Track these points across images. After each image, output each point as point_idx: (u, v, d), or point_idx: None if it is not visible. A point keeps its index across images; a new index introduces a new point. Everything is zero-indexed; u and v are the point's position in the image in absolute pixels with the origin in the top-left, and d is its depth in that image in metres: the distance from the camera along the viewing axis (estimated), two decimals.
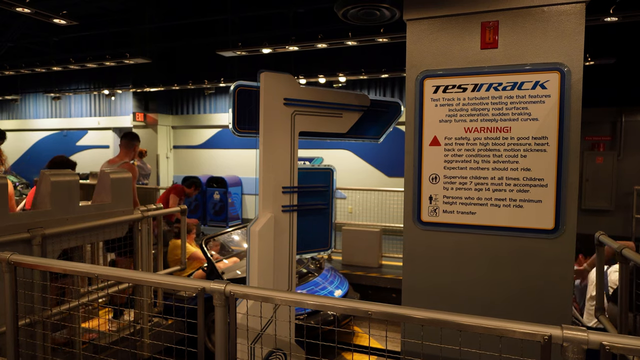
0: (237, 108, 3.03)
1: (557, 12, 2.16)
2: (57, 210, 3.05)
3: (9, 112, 15.02)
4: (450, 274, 2.34)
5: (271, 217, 2.98)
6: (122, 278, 1.97)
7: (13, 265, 2.11)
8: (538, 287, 2.16)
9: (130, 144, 4.84)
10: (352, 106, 3.34)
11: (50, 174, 3.08)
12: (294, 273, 3.16)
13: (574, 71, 2.12)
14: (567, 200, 2.12)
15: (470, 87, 2.29)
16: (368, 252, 6.75)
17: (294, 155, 3.11)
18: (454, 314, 1.47)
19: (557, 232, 2.13)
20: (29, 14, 5.37)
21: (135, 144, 4.88)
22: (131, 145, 4.85)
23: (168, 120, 12.68)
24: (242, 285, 1.87)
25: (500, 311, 2.22)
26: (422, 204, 2.39)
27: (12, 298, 2.12)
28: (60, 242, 3.06)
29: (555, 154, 2.13)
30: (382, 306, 1.53)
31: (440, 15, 2.37)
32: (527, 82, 2.18)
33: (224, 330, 1.81)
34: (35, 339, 2.71)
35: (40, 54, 10.80)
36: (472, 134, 2.29)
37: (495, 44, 2.26)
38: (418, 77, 2.42)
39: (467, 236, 2.31)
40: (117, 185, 3.56)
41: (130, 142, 4.85)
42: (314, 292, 5.00)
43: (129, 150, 4.84)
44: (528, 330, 1.38)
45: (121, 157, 4.80)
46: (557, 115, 2.13)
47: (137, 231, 3.80)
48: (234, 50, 7.75)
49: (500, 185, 2.24)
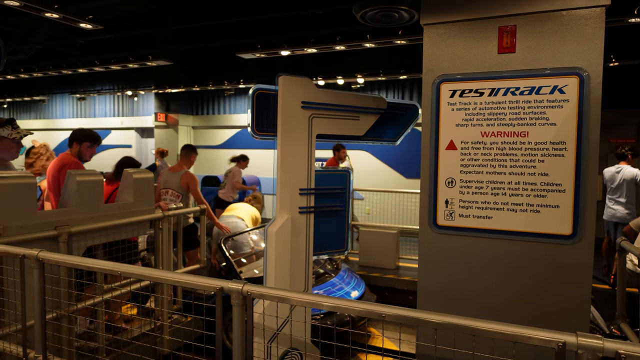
0: (256, 111, 3.08)
1: (576, 17, 2.14)
2: (82, 209, 3.17)
3: (37, 112, 15.53)
4: (466, 278, 2.34)
5: (288, 218, 3.03)
6: (144, 276, 2.05)
7: (41, 262, 2.20)
8: (555, 293, 2.15)
9: (187, 154, 5.64)
10: (369, 109, 3.36)
11: (76, 174, 3.20)
12: (310, 274, 3.20)
13: (593, 76, 2.09)
14: (586, 206, 2.10)
15: (487, 92, 2.29)
16: (385, 254, 6.75)
17: (311, 158, 3.15)
18: (468, 318, 1.49)
19: (575, 238, 2.11)
20: (57, 19, 5.57)
21: (191, 154, 5.65)
22: (188, 156, 5.63)
23: (189, 121, 12.91)
24: (259, 285, 1.91)
25: (516, 316, 2.21)
26: (438, 208, 2.40)
27: (40, 293, 2.22)
28: (85, 240, 3.17)
29: (573, 159, 2.11)
30: (396, 309, 1.55)
31: (457, 20, 2.37)
32: (545, 86, 2.17)
33: (241, 329, 1.86)
34: (61, 333, 2.83)
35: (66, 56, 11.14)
36: (489, 138, 2.29)
37: (513, 48, 2.25)
38: (435, 81, 2.42)
39: (483, 240, 2.31)
40: (139, 185, 3.66)
41: (188, 153, 5.64)
42: (330, 293, 5.04)
43: (187, 160, 5.60)
44: (542, 336, 1.38)
45: (181, 165, 5.56)
46: (576, 120, 2.11)
47: (158, 230, 3.90)
48: (253, 53, 7.85)
49: (517, 190, 2.23)
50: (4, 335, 2.52)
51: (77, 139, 3.94)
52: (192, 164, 5.69)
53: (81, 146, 3.93)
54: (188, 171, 5.41)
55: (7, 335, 2.53)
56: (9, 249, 2.31)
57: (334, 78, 9.44)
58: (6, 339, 2.50)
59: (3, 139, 3.18)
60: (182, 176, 5.32)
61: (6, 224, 2.67)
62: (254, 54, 7.91)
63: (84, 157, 3.96)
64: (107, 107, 14.18)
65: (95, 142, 4.00)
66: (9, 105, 15.96)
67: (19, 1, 4.82)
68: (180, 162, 5.60)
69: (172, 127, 12.52)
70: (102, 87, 13.72)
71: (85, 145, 3.93)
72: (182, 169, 5.43)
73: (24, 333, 2.34)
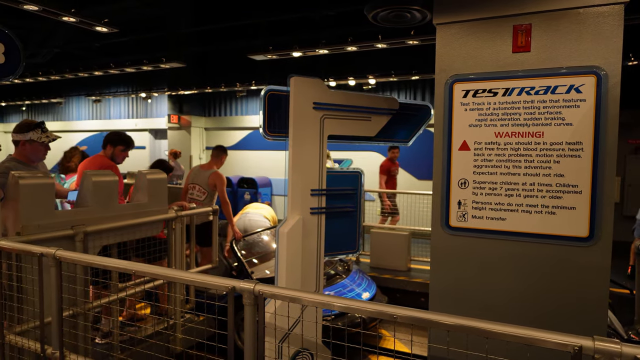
0: (268, 112, 3.09)
1: (594, 14, 2.10)
2: (97, 208, 3.21)
3: (54, 114, 15.84)
4: (479, 280, 2.32)
5: (299, 219, 3.03)
6: (157, 275, 2.07)
7: (58, 260, 2.24)
8: (570, 296, 2.11)
9: (218, 154, 5.76)
10: (381, 109, 3.34)
11: (92, 174, 3.25)
12: (321, 274, 3.19)
13: (611, 75, 2.05)
14: (603, 207, 2.06)
15: (501, 91, 2.26)
16: (396, 255, 6.71)
17: (322, 158, 3.15)
18: (481, 320, 1.47)
19: (592, 240, 2.07)
20: (74, 22, 5.68)
21: (222, 155, 5.78)
22: (219, 156, 5.76)
23: (201, 122, 13.03)
24: (270, 285, 1.92)
25: (530, 319, 2.17)
26: (450, 209, 2.38)
27: (57, 290, 2.26)
28: (101, 239, 3.22)
29: (590, 160, 2.07)
30: (408, 310, 1.54)
31: (470, 19, 2.35)
32: (561, 86, 2.13)
33: (252, 328, 1.86)
34: (77, 330, 2.87)
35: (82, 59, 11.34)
36: (503, 138, 2.26)
37: (528, 47, 2.22)
38: (447, 82, 2.40)
39: (496, 242, 2.28)
40: (153, 186, 3.71)
41: (219, 154, 5.76)
42: (341, 294, 5.02)
43: (218, 160, 5.73)
44: (558, 340, 1.36)
45: (211, 165, 5.68)
46: (593, 120, 2.07)
47: (171, 230, 3.94)
48: (265, 54, 7.89)
49: (532, 191, 2.19)
50: (23, 332, 2.58)
51: (111, 142, 4.12)
52: (222, 164, 5.82)
53: (115, 149, 4.11)
54: (217, 171, 5.56)
55: (26, 332, 2.58)
56: (27, 248, 2.36)
57: (346, 79, 9.43)
58: (25, 335, 2.55)
59: (32, 142, 3.24)
60: (211, 175, 5.47)
61: (25, 223, 2.73)
62: (265, 55, 7.94)
63: (117, 160, 4.14)
64: (121, 109, 14.40)
65: (128, 147, 4.19)
66: (27, 107, 16.31)
67: (38, 5, 4.93)
68: (211, 161, 5.74)
69: (184, 128, 12.65)
70: (117, 89, 13.93)
71: (118, 149, 4.12)
72: (212, 168, 5.57)
73: (42, 330, 2.39)
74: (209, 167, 5.64)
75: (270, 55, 7.96)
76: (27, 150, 3.27)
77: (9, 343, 2.55)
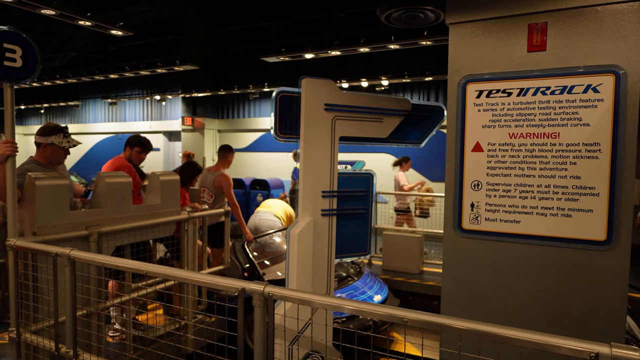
0: (279, 113, 3.09)
1: (612, 12, 2.05)
2: (111, 209, 3.25)
3: (72, 117, 16.15)
4: (492, 284, 2.27)
5: (310, 220, 3.02)
6: (168, 276, 2.08)
7: (73, 260, 2.27)
8: (587, 301, 2.05)
9: (224, 155, 5.69)
10: (393, 111, 3.32)
11: (106, 176, 3.29)
12: (332, 276, 3.18)
13: (630, 74, 2.00)
14: (622, 210, 2.00)
15: (515, 92, 2.22)
16: (409, 258, 6.65)
17: (334, 160, 3.13)
18: (494, 325, 1.44)
19: (610, 244, 2.01)
20: (89, 26, 5.79)
21: (228, 154, 5.69)
22: (225, 156, 5.67)
23: (214, 124, 13.14)
24: (280, 287, 1.91)
25: (544, 324, 2.12)
26: (463, 211, 2.34)
27: (71, 290, 2.29)
28: (114, 240, 3.26)
29: (608, 161, 2.02)
30: (419, 314, 1.51)
31: (484, 18, 2.31)
32: (578, 85, 2.08)
33: (262, 330, 1.86)
34: (91, 329, 2.91)
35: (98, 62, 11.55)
36: (517, 139, 2.21)
37: (544, 46, 2.18)
38: (460, 82, 2.37)
39: (510, 245, 2.23)
40: (166, 187, 3.74)
41: (225, 154, 5.69)
42: (353, 297, 5.00)
43: (224, 161, 5.66)
44: (574, 346, 1.32)
45: (218, 167, 5.61)
46: (611, 121, 2.02)
47: (184, 231, 3.97)
48: (277, 56, 7.92)
49: (547, 193, 2.14)
50: (38, 330, 2.62)
51: (130, 143, 4.32)
52: (230, 163, 5.79)
53: (132, 151, 4.30)
54: (223, 172, 5.52)
55: (41, 330, 2.62)
56: (43, 247, 2.40)
57: (358, 80, 9.41)
58: (40, 334, 2.59)
59: (53, 146, 3.30)
60: (217, 177, 5.45)
61: (41, 223, 2.77)
62: (278, 57, 7.97)
63: (134, 161, 4.30)
64: (136, 111, 14.61)
65: (145, 149, 4.36)
66: (45, 110, 16.66)
67: (55, 10, 5.04)
68: (218, 163, 5.72)
69: (198, 130, 12.77)
70: (132, 92, 14.14)
71: (135, 151, 4.30)
72: (219, 170, 5.55)
73: (56, 329, 2.42)
74: (215, 169, 5.61)
75: (282, 57, 7.99)
76: (47, 153, 3.33)
77: (24, 341, 2.59)
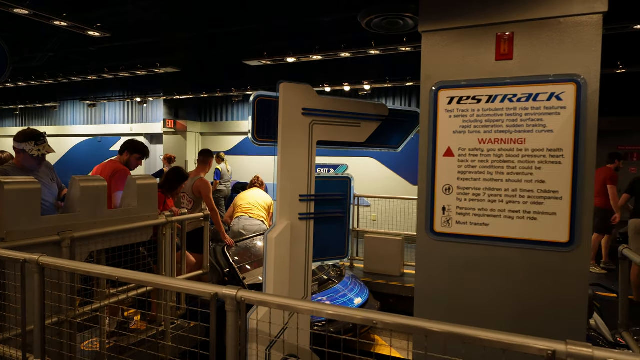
0: (257, 117, 3.11)
1: (573, 23, 2.13)
2: (85, 214, 3.20)
3: (49, 119, 15.80)
4: (462, 285, 2.33)
5: (288, 224, 3.04)
6: (140, 281, 2.07)
7: (42, 267, 2.24)
8: (551, 300, 2.12)
9: (204, 159, 5.61)
10: (371, 116, 3.37)
11: (80, 180, 3.24)
12: (309, 280, 3.20)
13: (590, 82, 2.08)
14: (583, 213, 2.08)
15: (484, 99, 2.29)
16: (390, 261, 6.71)
17: (311, 164, 3.16)
18: (458, 325, 1.48)
19: (572, 245, 2.09)
20: (65, 27, 5.69)
21: (209, 159, 5.63)
22: (205, 161, 5.59)
23: (197, 127, 13.03)
24: (254, 291, 1.92)
25: (513, 324, 2.19)
26: (435, 215, 2.39)
27: (39, 298, 2.25)
28: (88, 245, 3.20)
29: (570, 166, 2.10)
30: (386, 316, 1.55)
31: (455, 27, 2.38)
32: (543, 93, 2.16)
33: (235, 335, 1.86)
34: (62, 338, 2.85)
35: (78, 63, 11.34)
36: (486, 145, 2.28)
37: (511, 55, 2.25)
38: (433, 88, 2.43)
39: (479, 248, 2.29)
40: (143, 191, 3.70)
41: (205, 159, 5.61)
42: (333, 300, 5.02)
43: (205, 166, 5.58)
44: (532, 344, 1.37)
45: (197, 172, 5.55)
46: (573, 127, 2.10)
47: (162, 236, 3.93)
48: (259, 60, 7.92)
49: (514, 197, 2.21)
50: (4, 340, 2.56)
51: (129, 149, 4.30)
52: (210, 167, 5.74)
53: (131, 156, 4.29)
54: (202, 178, 5.45)
55: (8, 340, 2.56)
56: (10, 254, 2.35)
57: (341, 85, 9.47)
58: (7, 344, 2.53)
59: (24, 152, 3.27)
60: (196, 182, 5.38)
61: (10, 229, 2.71)
62: (259, 61, 7.97)
63: (131, 167, 4.30)
64: (117, 113, 14.38)
65: (143, 156, 4.37)
66: (21, 111, 16.26)
67: (28, 10, 4.94)
68: (198, 167, 5.64)
69: (180, 133, 12.65)
70: (112, 93, 13.92)
71: (134, 157, 4.31)
72: (198, 175, 5.46)
73: (23, 338, 2.37)
74: (195, 174, 5.53)
75: (264, 61, 7.99)
76: (20, 159, 3.31)
77: None
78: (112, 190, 3.84)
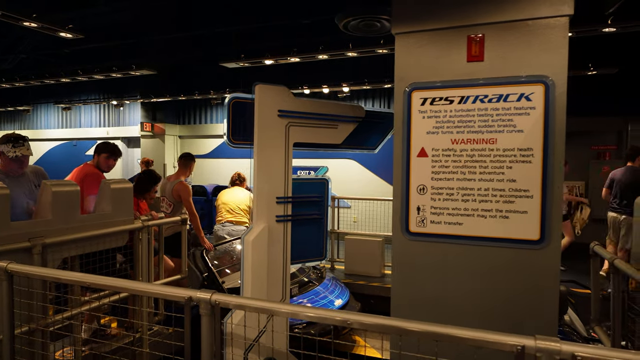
0: (232, 120, 3.09)
1: (541, 26, 2.19)
2: (57, 219, 3.12)
3: (21, 122, 15.34)
4: (438, 284, 2.36)
5: (265, 227, 3.02)
6: (113, 287, 2.02)
7: (10, 274, 2.17)
8: (524, 297, 2.17)
9: (185, 163, 5.52)
10: (347, 117, 3.38)
11: (52, 184, 3.16)
12: (288, 282, 3.18)
13: (558, 84, 2.14)
14: (552, 211, 2.13)
15: (457, 100, 2.33)
16: (371, 262, 6.74)
17: (288, 166, 3.15)
18: (432, 324, 1.49)
19: (543, 243, 2.14)
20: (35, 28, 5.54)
21: (190, 163, 5.55)
22: (186, 165, 5.51)
23: (175, 130, 12.85)
24: (228, 294, 1.90)
25: (487, 321, 2.22)
26: (410, 215, 2.42)
27: (8, 306, 2.18)
28: (61, 251, 3.12)
29: (540, 166, 2.15)
30: (359, 316, 1.55)
31: (427, 29, 2.41)
32: (513, 94, 2.21)
33: (210, 339, 1.84)
34: (34, 348, 2.76)
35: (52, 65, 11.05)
36: (459, 145, 2.32)
37: (481, 57, 2.30)
38: (406, 90, 2.46)
39: (454, 247, 2.33)
40: (117, 195, 3.63)
41: (186, 162, 5.53)
42: (314, 302, 5.01)
43: (186, 170, 5.50)
44: (502, 340, 1.39)
45: (178, 175, 5.46)
46: (542, 127, 2.15)
47: (138, 240, 3.86)
48: (237, 62, 7.87)
49: (487, 196, 2.26)
50: None
51: (96, 150, 4.23)
52: (191, 172, 5.67)
53: (99, 157, 4.20)
54: (182, 181, 5.38)
55: None
56: None
57: (320, 87, 9.49)
58: None
59: (3, 155, 3.19)
60: (175, 186, 5.31)
61: None
62: (237, 63, 7.93)
63: (102, 168, 4.20)
64: (92, 117, 14.07)
65: (112, 155, 4.24)
66: None
67: None
68: (178, 171, 5.57)
69: (158, 136, 12.45)
70: (88, 96, 13.61)
71: (102, 157, 4.19)
72: (178, 179, 5.39)
73: None
74: (175, 177, 5.47)
75: (242, 63, 7.95)
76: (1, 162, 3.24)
77: None
78: (84, 194, 3.75)
